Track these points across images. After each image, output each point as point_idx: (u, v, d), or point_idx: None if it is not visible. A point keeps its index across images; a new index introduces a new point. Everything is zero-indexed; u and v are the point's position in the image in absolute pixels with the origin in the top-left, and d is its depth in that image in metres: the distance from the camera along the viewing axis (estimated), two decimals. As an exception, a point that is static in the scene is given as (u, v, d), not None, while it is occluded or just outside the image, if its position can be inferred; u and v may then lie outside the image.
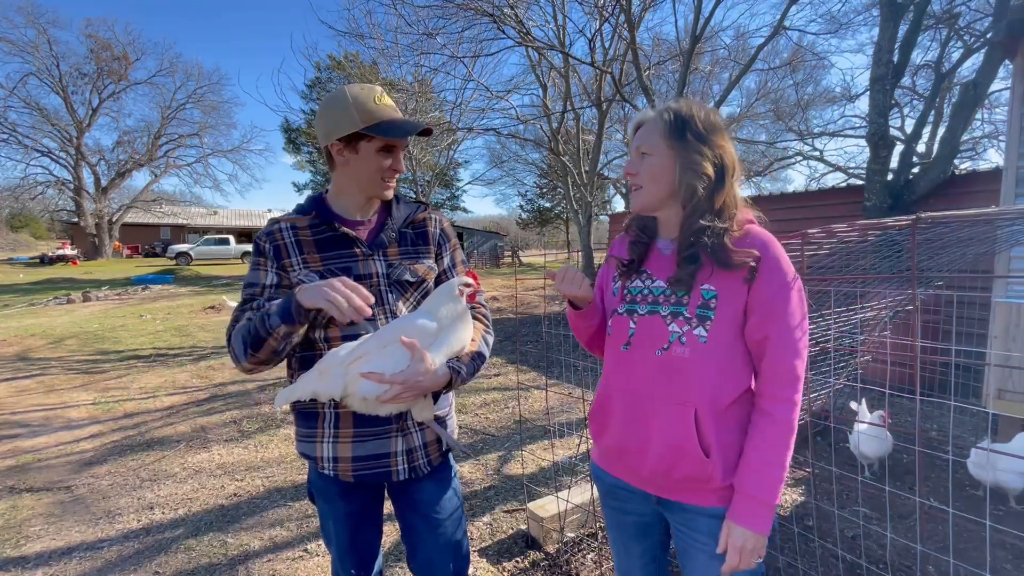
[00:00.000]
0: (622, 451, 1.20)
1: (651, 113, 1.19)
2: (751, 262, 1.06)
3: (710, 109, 1.16)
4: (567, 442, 3.87)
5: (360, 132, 1.24)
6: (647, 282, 1.19)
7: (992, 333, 3.39)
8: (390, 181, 1.33)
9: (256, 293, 1.27)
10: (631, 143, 1.21)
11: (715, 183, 1.10)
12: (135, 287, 16.46)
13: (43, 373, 6.19)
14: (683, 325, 1.10)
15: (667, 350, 1.12)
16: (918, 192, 5.67)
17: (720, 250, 1.07)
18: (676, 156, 1.11)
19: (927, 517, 2.70)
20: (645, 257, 1.23)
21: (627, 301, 1.22)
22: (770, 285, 1.07)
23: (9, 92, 28.11)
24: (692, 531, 1.15)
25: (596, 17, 8.45)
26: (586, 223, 10.65)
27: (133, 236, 34.50)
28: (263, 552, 2.59)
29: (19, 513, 3.00)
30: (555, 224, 38.37)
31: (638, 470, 1.18)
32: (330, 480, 1.34)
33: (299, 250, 1.28)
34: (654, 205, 1.18)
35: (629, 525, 1.29)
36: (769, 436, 1.06)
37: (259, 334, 1.17)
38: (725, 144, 1.13)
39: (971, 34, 8.61)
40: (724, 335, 1.08)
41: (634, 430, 1.16)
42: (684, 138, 1.10)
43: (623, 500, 1.28)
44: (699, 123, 1.11)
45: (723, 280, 1.09)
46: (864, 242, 2.31)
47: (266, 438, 4.11)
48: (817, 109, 16.63)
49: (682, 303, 1.11)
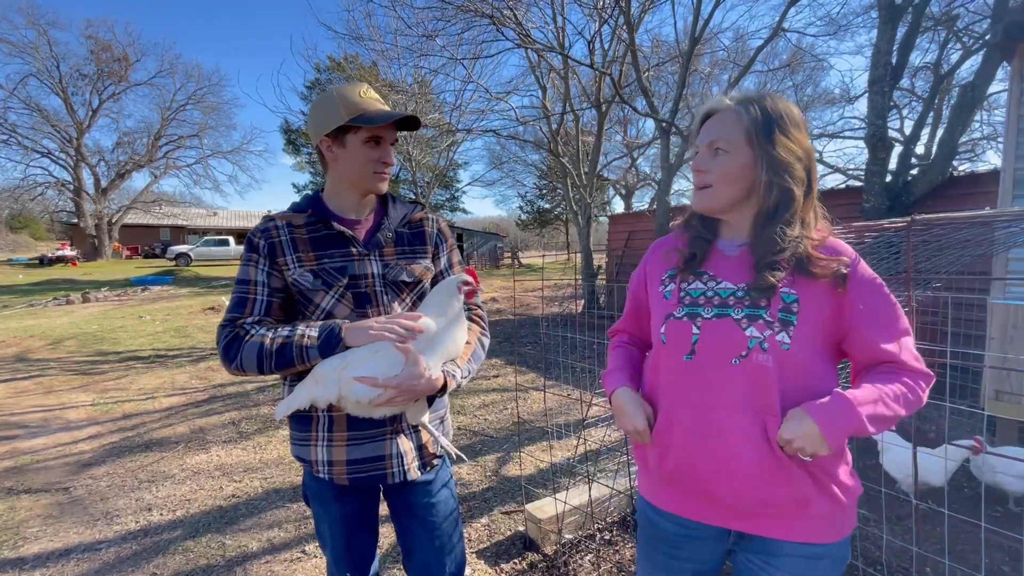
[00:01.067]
0: (693, 477, 1.03)
1: (728, 102, 1.05)
2: (843, 269, 0.97)
3: (791, 103, 1.04)
4: (565, 444, 3.86)
5: (346, 124, 1.25)
6: (710, 284, 1.06)
7: (989, 335, 3.39)
8: (382, 173, 1.32)
9: (249, 291, 1.26)
10: (696, 134, 1.09)
11: (807, 189, 1.01)
12: (134, 288, 16.45)
13: (42, 374, 6.18)
14: (764, 329, 0.97)
15: (746, 358, 0.97)
16: (917, 194, 5.67)
17: (807, 259, 0.97)
18: (760, 158, 1.00)
19: (925, 519, 2.70)
20: (706, 256, 1.10)
21: (686, 304, 1.06)
22: (870, 294, 0.98)
23: (9, 93, 28.13)
24: (772, 569, 1.02)
25: (595, 19, 8.46)
26: (585, 224, 10.64)
27: (133, 237, 34.50)
28: (261, 553, 2.59)
29: (17, 514, 3.00)
30: (555, 225, 38.40)
31: (714, 498, 1.03)
32: (325, 483, 1.34)
33: (294, 248, 1.27)
34: (723, 208, 1.06)
35: (683, 572, 1.13)
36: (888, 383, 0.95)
37: (291, 361, 1.19)
38: (808, 145, 1.03)
39: (970, 36, 8.62)
40: (807, 342, 0.97)
41: (708, 449, 1.00)
42: (772, 137, 0.99)
43: (679, 547, 1.12)
44: (787, 120, 1.00)
45: (805, 285, 0.99)
46: (860, 244, 2.32)
47: (264, 439, 4.11)
48: (816, 111, 16.65)
49: (759, 304, 0.99)
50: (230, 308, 1.27)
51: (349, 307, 1.28)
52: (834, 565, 1.04)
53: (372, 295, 1.29)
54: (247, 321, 1.24)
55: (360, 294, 1.29)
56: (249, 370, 1.20)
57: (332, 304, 1.27)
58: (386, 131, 1.30)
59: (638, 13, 7.89)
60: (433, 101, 12.24)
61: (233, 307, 1.26)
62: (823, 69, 14.98)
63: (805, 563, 1.00)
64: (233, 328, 1.23)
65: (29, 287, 17.20)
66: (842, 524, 1.03)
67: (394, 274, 1.33)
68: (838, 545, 1.03)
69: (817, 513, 0.98)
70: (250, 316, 1.25)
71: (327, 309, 1.27)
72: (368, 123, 1.25)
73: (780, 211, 1.00)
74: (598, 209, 23.92)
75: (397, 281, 1.33)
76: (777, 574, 1.02)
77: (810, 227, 1.01)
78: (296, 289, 1.27)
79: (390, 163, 1.33)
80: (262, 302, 1.26)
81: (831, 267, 0.97)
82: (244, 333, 1.22)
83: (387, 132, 1.30)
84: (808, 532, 1.00)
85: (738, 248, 1.07)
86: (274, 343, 1.19)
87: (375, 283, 1.30)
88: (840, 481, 1.01)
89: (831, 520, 1.01)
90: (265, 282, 1.26)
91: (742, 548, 1.08)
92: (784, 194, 1.00)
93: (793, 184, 0.99)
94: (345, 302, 1.28)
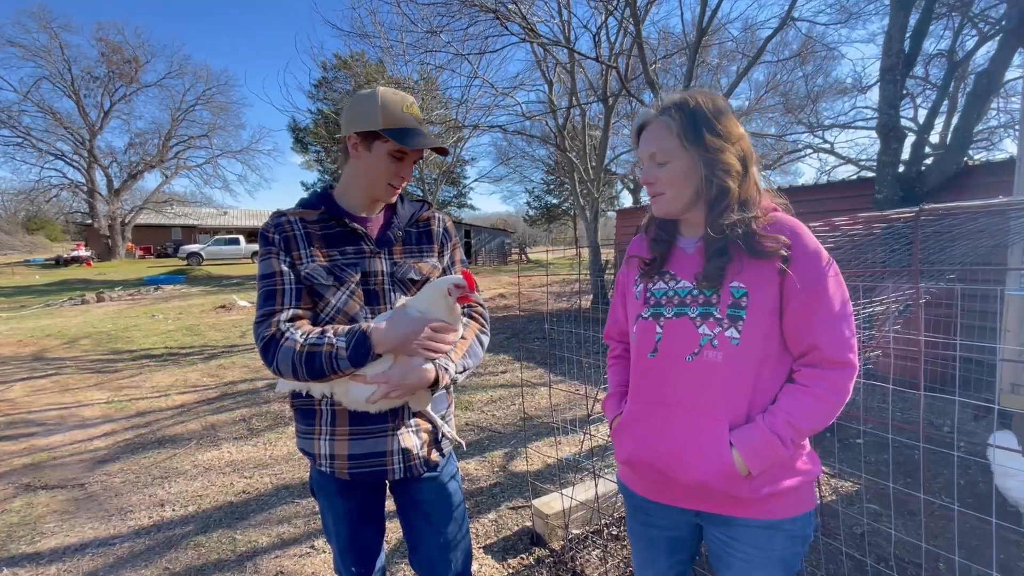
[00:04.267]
0: (651, 468, 1.11)
1: (652, 113, 1.09)
2: (783, 250, 1.00)
3: (711, 94, 1.07)
4: (572, 439, 3.86)
5: (378, 132, 1.25)
6: (671, 283, 1.12)
7: (1005, 327, 3.32)
8: (395, 187, 1.33)
9: (276, 282, 1.24)
10: (639, 148, 1.13)
11: (743, 174, 1.05)
12: (147, 287, 16.69)
13: (58, 373, 6.30)
14: (714, 327, 1.03)
15: (698, 355, 1.04)
16: (930, 184, 5.56)
17: (750, 238, 1.01)
18: (698, 158, 1.04)
19: (939, 514, 2.67)
20: (667, 257, 1.15)
21: (651, 304, 1.13)
22: (807, 270, 1.00)
23: (23, 96, 28.61)
24: (732, 539, 1.09)
25: (601, 11, 8.39)
26: (593, 219, 10.59)
27: (145, 237, 34.97)
28: (271, 548, 2.62)
29: (34, 510, 3.07)
30: (563, 220, 38.29)
31: (671, 487, 1.10)
32: (328, 477, 1.34)
33: (308, 243, 1.27)
34: (680, 210, 1.10)
35: (660, 540, 1.22)
36: (801, 404, 1.00)
37: (323, 371, 1.17)
38: (739, 129, 1.06)
39: (985, 21, 8.42)
40: (758, 336, 1.01)
41: (664, 445, 1.07)
42: (701, 137, 1.03)
43: (653, 515, 1.20)
44: (711, 116, 1.03)
45: (753, 274, 1.02)
46: (870, 235, 2.28)
47: (275, 436, 4.15)
48: (827, 101, 16.38)
49: (711, 303, 1.04)
50: (261, 303, 1.24)
51: (359, 304, 1.28)
52: (793, 540, 1.08)
53: (381, 292, 1.30)
54: (282, 316, 1.22)
55: (370, 291, 1.29)
56: (287, 376, 1.20)
57: (344, 301, 1.27)
58: (413, 151, 1.30)
59: (644, 5, 7.81)
60: (439, 97, 12.24)
61: (264, 301, 1.24)
62: (834, 58, 14.70)
63: (763, 533, 1.06)
64: (269, 326, 1.21)
65: (45, 287, 17.51)
66: (799, 502, 1.08)
67: (403, 272, 1.33)
68: (795, 520, 1.08)
69: (771, 495, 1.04)
70: (283, 307, 1.23)
71: (338, 305, 1.27)
72: (399, 140, 1.25)
73: (720, 201, 1.04)
74: (606, 204, 23.80)
75: (405, 279, 1.34)
76: (737, 545, 1.09)
77: (751, 206, 1.04)
78: (309, 283, 1.26)
79: (408, 180, 1.34)
80: (291, 290, 1.24)
81: (774, 245, 1.00)
82: (280, 336, 1.20)
83: (413, 152, 1.30)
84: (763, 512, 1.06)
85: (695, 245, 1.12)
86: (304, 350, 1.17)
87: (384, 281, 1.31)
88: (796, 468, 1.06)
89: (786, 500, 1.06)
90: (290, 271, 1.25)
91: (704, 520, 1.15)
92: (721, 186, 1.04)
93: (727, 177, 1.03)
94: (356, 299, 1.28)
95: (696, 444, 1.03)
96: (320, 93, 25.27)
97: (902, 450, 3.42)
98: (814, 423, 1.01)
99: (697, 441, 1.03)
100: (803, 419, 1.00)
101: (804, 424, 1.00)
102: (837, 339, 1.00)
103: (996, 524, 1.40)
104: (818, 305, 1.00)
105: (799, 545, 1.10)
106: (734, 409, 1.02)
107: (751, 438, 1.00)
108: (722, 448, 1.01)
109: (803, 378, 1.04)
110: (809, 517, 1.11)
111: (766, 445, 0.99)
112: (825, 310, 1.00)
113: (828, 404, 1.01)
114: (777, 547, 1.07)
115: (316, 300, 1.28)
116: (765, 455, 0.99)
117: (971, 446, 3.51)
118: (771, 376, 1.04)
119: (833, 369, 1.01)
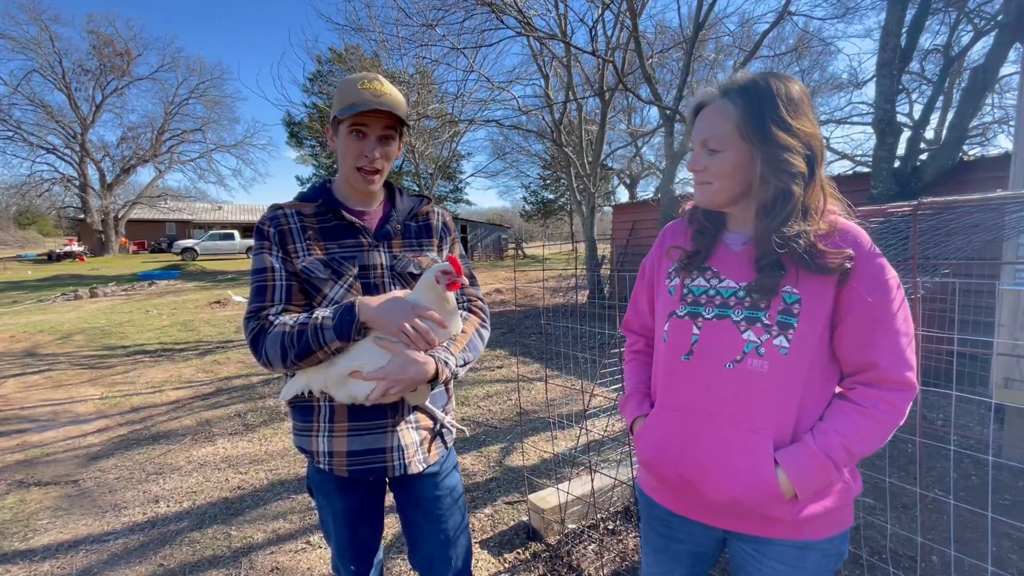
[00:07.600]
0: (679, 479, 1.02)
1: (714, 92, 0.98)
2: (847, 263, 0.90)
3: (788, 77, 0.94)
4: (568, 434, 3.86)
5: (335, 115, 1.25)
6: (712, 281, 1.02)
7: (999, 321, 3.34)
8: (366, 171, 1.27)
9: (267, 278, 1.23)
10: (691, 130, 1.02)
11: (808, 179, 0.92)
12: (141, 283, 16.57)
13: (51, 368, 6.25)
14: (761, 333, 0.94)
15: (740, 362, 0.95)
16: (926, 179, 5.58)
17: (812, 254, 0.90)
18: (755, 152, 0.93)
19: (932, 508, 2.68)
20: (711, 251, 1.05)
21: (688, 302, 1.03)
22: (872, 283, 0.91)
23: (13, 89, 28.21)
24: (761, 555, 1.02)
25: (597, 5, 8.34)
26: (590, 214, 10.57)
27: (139, 232, 34.72)
28: (266, 544, 2.61)
29: (27, 507, 3.04)
30: (559, 216, 38.23)
31: (700, 502, 1.02)
32: (326, 475, 1.33)
33: (304, 236, 1.26)
34: (725, 202, 1.01)
35: (681, 553, 1.14)
36: (858, 425, 0.92)
37: (310, 347, 1.15)
38: (812, 126, 0.93)
39: (981, 17, 8.42)
40: (808, 347, 0.92)
41: (694, 456, 0.99)
42: (764, 129, 0.91)
43: (675, 529, 1.12)
44: (783, 106, 0.91)
45: (809, 283, 0.93)
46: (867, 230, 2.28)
47: (270, 431, 4.13)
48: (823, 96, 16.36)
49: (759, 307, 0.95)
50: (252, 299, 1.24)
51: (356, 297, 1.27)
52: (827, 558, 1.02)
53: (380, 286, 1.29)
54: (271, 311, 1.21)
55: (368, 284, 1.28)
56: (275, 363, 1.18)
57: (341, 294, 1.26)
58: (370, 124, 1.24)
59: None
60: (435, 91, 12.16)
61: (254, 297, 1.24)
62: (831, 53, 14.70)
63: (796, 552, 0.99)
64: (258, 320, 1.21)
65: (38, 283, 17.36)
66: (839, 522, 1.01)
67: (402, 266, 1.32)
68: (832, 540, 1.01)
69: (808, 517, 0.95)
70: (272, 304, 1.22)
71: (335, 299, 1.26)
72: (344, 114, 1.22)
73: (779, 206, 0.93)
74: (602, 199, 23.76)
75: (405, 273, 1.32)
76: (766, 561, 1.01)
77: (814, 218, 0.93)
78: (305, 277, 1.25)
79: (371, 158, 1.26)
80: (282, 287, 1.24)
81: (837, 261, 0.90)
82: (268, 325, 1.20)
83: (371, 125, 1.25)
84: (798, 531, 0.98)
85: (743, 244, 1.03)
86: (293, 330, 1.17)
87: (384, 274, 1.30)
88: (838, 488, 0.98)
89: (826, 521, 0.99)
90: (282, 267, 1.24)
91: (733, 536, 1.07)
92: (782, 190, 0.93)
93: (791, 180, 0.91)
94: (354, 292, 1.27)
95: (733, 459, 0.95)
96: (315, 87, 25.09)
97: (896, 444, 3.44)
98: (869, 447, 0.93)
99: (734, 456, 0.95)
100: (859, 443, 0.92)
101: (859, 448, 0.92)
102: (899, 357, 0.92)
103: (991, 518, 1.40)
104: (882, 321, 0.91)
105: (832, 562, 1.03)
106: (779, 425, 0.93)
107: (802, 461, 0.91)
108: (765, 466, 0.92)
109: (859, 397, 0.95)
110: (846, 535, 1.04)
111: (819, 469, 0.91)
112: (888, 326, 0.92)
113: (885, 428, 0.93)
114: (810, 566, 1.01)
115: (313, 294, 1.27)
116: (816, 479, 0.91)
117: (964, 440, 3.53)
118: (819, 391, 0.96)
119: (892, 390, 0.93)
